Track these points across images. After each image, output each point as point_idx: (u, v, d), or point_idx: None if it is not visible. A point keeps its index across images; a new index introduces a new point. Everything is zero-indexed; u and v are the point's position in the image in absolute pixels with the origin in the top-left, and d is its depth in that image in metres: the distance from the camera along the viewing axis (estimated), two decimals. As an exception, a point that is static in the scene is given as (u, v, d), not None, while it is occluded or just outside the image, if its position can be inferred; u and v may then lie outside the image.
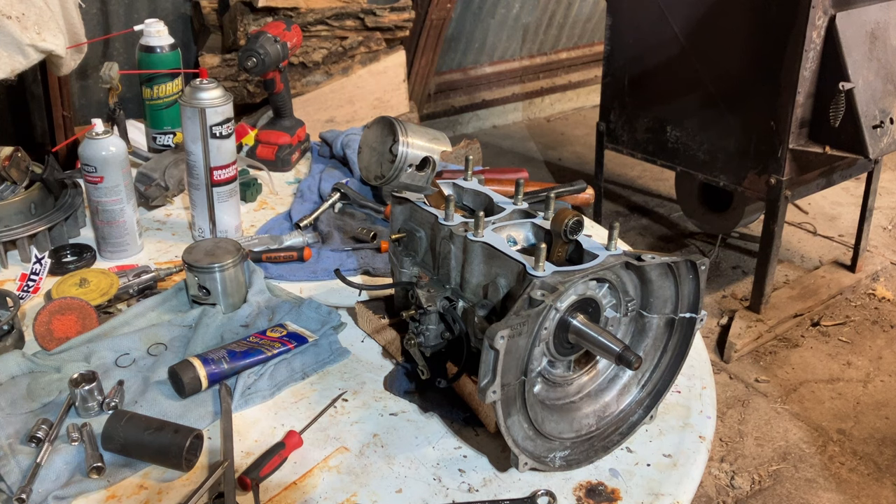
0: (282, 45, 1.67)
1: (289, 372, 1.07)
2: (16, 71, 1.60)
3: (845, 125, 2.47)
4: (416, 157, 1.51)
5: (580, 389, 0.98)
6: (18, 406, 0.98)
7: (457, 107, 4.55)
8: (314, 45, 3.18)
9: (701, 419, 1.03)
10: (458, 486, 0.90)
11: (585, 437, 0.96)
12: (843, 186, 3.91)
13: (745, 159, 2.73)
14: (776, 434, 2.47)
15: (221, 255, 1.17)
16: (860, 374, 2.73)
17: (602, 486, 0.91)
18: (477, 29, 4.27)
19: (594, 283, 0.92)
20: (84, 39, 1.83)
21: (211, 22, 3.13)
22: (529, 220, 1.01)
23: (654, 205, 3.89)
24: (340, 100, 3.27)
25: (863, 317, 3.04)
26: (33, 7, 1.61)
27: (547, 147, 4.60)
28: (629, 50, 3.05)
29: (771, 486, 2.28)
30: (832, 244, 3.51)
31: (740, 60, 2.68)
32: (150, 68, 1.65)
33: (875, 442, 2.43)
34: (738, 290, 3.17)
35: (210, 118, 1.31)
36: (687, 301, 0.96)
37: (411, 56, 3.71)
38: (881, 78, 2.58)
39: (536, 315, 0.83)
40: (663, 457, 0.96)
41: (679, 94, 2.90)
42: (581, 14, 4.67)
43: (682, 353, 0.99)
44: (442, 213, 1.02)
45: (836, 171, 2.83)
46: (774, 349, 2.86)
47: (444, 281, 1.01)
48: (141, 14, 2.99)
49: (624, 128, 3.15)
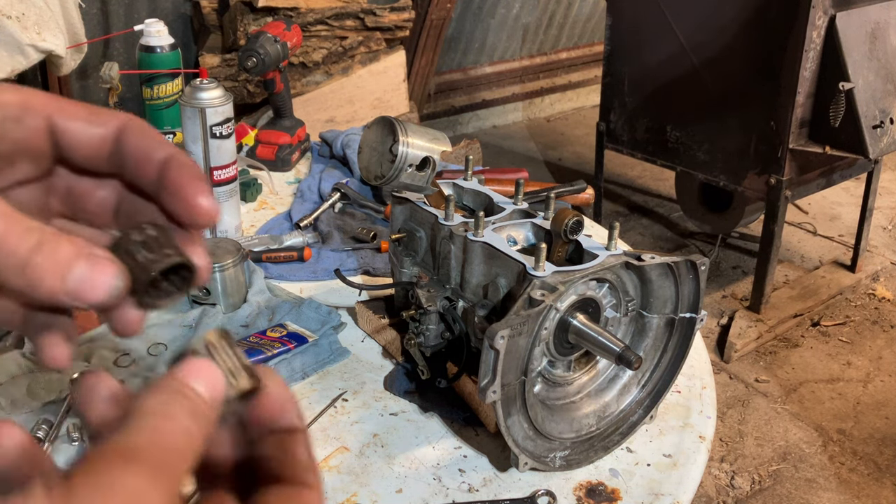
0: (282, 45, 1.67)
1: (289, 372, 1.07)
2: (16, 71, 1.60)
3: (845, 125, 2.47)
4: (416, 157, 1.51)
5: (580, 389, 0.98)
6: (18, 406, 0.98)
7: (457, 107, 4.55)
8: (314, 45, 3.18)
9: (701, 419, 1.03)
10: (458, 486, 0.90)
11: (585, 437, 0.96)
12: (843, 186, 3.91)
13: (745, 159, 2.73)
14: (776, 434, 2.47)
15: (221, 255, 1.17)
16: (860, 374, 2.73)
17: (602, 486, 0.91)
18: (477, 29, 4.27)
19: (594, 283, 0.92)
20: (84, 39, 1.83)
21: (211, 22, 3.13)
22: (529, 220, 1.01)
23: (654, 205, 3.89)
24: (340, 100, 3.27)
25: (863, 317, 3.04)
26: (33, 7, 1.61)
27: (547, 147, 4.60)
28: (629, 50, 3.05)
29: (771, 486, 2.28)
30: (832, 244, 3.51)
31: (740, 60, 2.68)
32: (150, 68, 1.65)
33: (875, 442, 2.43)
34: (738, 290, 3.17)
35: (210, 118, 1.31)
36: (687, 301, 0.96)
37: (411, 56, 3.70)
38: (881, 78, 2.58)
39: (536, 315, 0.83)
40: (663, 457, 0.96)
41: (679, 94, 2.90)
42: (581, 14, 4.67)
43: (682, 353, 0.99)
44: (442, 213, 1.01)
45: (836, 171, 2.83)
46: (774, 349, 2.86)
47: (444, 281, 1.01)
48: (141, 14, 2.99)
49: (624, 128, 3.15)
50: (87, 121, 0.37)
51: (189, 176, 0.36)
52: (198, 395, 0.32)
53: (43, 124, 0.36)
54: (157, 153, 0.36)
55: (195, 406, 0.31)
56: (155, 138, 0.37)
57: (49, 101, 0.36)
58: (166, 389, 0.32)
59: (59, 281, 0.32)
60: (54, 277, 0.32)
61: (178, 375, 0.32)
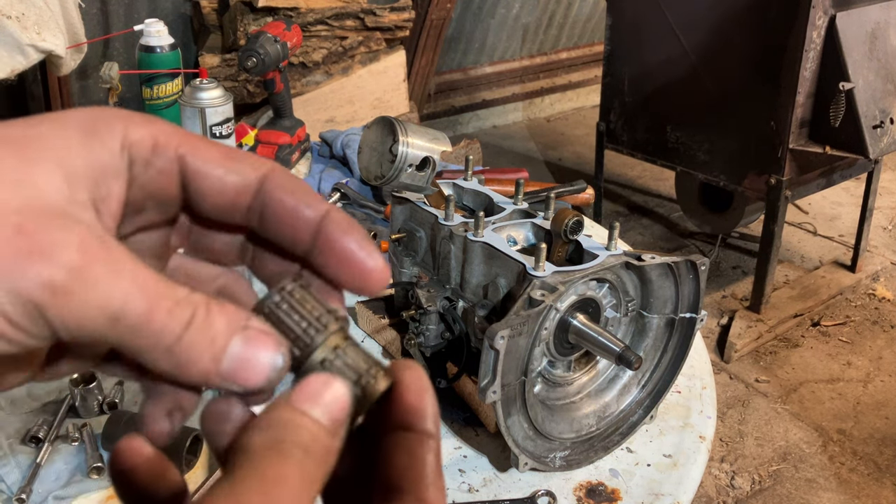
0: (282, 45, 1.67)
1: (289, 372, 1.07)
2: (16, 71, 1.60)
3: (845, 125, 2.47)
4: (416, 157, 1.51)
5: (580, 389, 0.98)
6: (18, 406, 0.98)
7: (457, 107, 4.54)
8: (314, 44, 3.18)
9: (701, 419, 1.03)
10: (458, 486, 0.90)
11: (585, 438, 0.95)
12: (843, 186, 3.91)
13: (745, 159, 2.73)
14: (776, 434, 2.47)
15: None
16: (860, 375, 2.73)
17: (602, 486, 0.91)
18: (477, 29, 4.27)
19: (594, 283, 0.92)
20: (84, 39, 1.83)
21: (211, 22, 3.13)
22: (529, 220, 1.01)
23: (654, 205, 3.89)
24: (340, 100, 3.27)
25: (863, 317, 3.04)
26: (33, 7, 1.61)
27: (547, 147, 4.60)
28: (629, 50, 3.05)
29: (771, 487, 2.28)
30: (832, 244, 3.51)
31: (740, 60, 2.67)
32: (149, 68, 1.65)
33: (875, 442, 2.43)
34: (738, 290, 3.17)
35: (210, 118, 1.31)
36: (687, 301, 0.96)
37: (411, 56, 3.70)
38: (881, 78, 2.58)
39: (536, 315, 0.83)
40: (663, 457, 0.96)
41: (679, 94, 2.90)
42: (581, 14, 4.67)
43: (682, 353, 0.99)
44: (442, 213, 1.01)
45: (836, 171, 2.83)
46: (775, 349, 2.86)
47: (444, 281, 1.01)
48: (141, 14, 2.99)
49: (624, 128, 3.15)
50: (222, 166, 0.31)
51: (354, 238, 0.31)
52: (316, 424, 0.27)
53: (174, 167, 0.31)
54: (308, 212, 0.31)
55: (313, 440, 0.27)
56: (305, 194, 0.32)
57: (181, 138, 0.31)
58: (276, 423, 0.27)
59: (212, 363, 0.27)
60: (208, 359, 0.27)
61: (291, 401, 0.27)
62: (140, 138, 0.30)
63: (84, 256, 0.25)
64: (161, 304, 0.26)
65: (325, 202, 0.32)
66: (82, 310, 0.25)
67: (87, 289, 0.25)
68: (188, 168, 0.31)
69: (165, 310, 0.26)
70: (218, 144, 0.32)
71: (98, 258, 0.26)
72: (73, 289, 0.25)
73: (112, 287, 0.26)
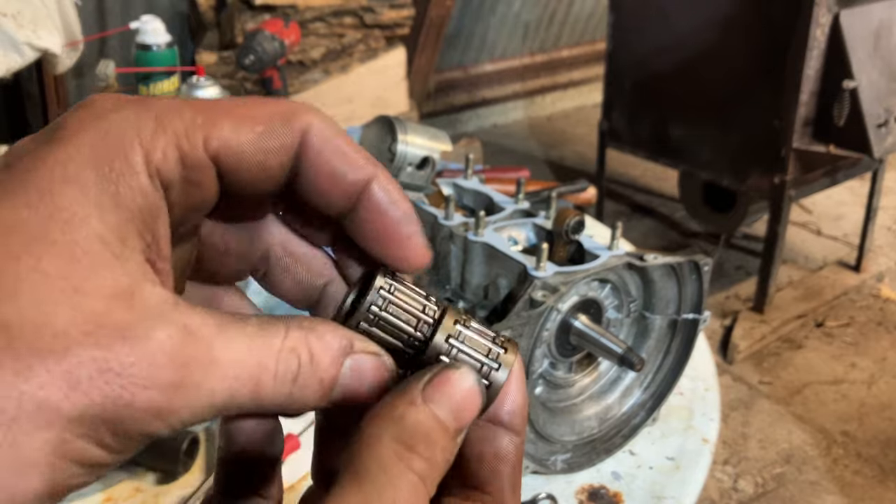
0: (280, 43, 1.66)
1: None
2: (11, 69, 1.59)
3: (850, 124, 2.46)
4: (415, 157, 1.49)
5: (582, 391, 0.97)
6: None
7: (457, 105, 4.53)
8: (312, 42, 3.16)
9: (704, 421, 1.01)
10: (457, 490, 0.89)
11: (587, 440, 0.94)
12: (847, 186, 3.89)
13: (748, 158, 2.71)
14: (780, 436, 2.45)
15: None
16: (864, 376, 2.71)
17: (604, 489, 0.90)
18: (477, 26, 4.26)
19: (596, 283, 0.91)
20: (80, 37, 1.82)
21: (208, 19, 3.11)
22: (530, 220, 1.00)
23: (656, 204, 3.87)
24: (339, 98, 3.25)
25: (867, 317, 3.02)
26: (29, 5, 1.60)
27: (548, 146, 4.59)
28: (631, 48, 3.03)
29: (774, 489, 2.26)
30: (836, 244, 3.49)
31: (743, 58, 2.66)
32: (146, 66, 1.64)
33: (879, 444, 2.41)
34: (741, 290, 3.15)
35: (206, 116, 1.30)
36: (690, 302, 0.95)
37: (411, 54, 3.69)
38: (886, 76, 2.56)
39: (538, 316, 0.81)
40: (666, 459, 0.95)
41: (682, 92, 2.89)
42: (582, 11, 4.66)
43: (684, 354, 0.97)
44: (442, 212, 1.00)
45: (840, 170, 2.81)
46: (778, 350, 2.84)
47: (444, 281, 1.00)
48: (137, 11, 2.97)
49: (626, 126, 3.14)
50: (258, 143, 0.26)
51: (402, 210, 0.28)
52: (445, 433, 0.25)
53: (210, 171, 0.26)
54: (351, 175, 0.28)
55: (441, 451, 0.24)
56: (349, 154, 0.28)
57: (199, 126, 0.26)
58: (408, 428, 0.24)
59: (322, 400, 0.26)
60: (318, 398, 0.25)
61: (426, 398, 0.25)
62: (164, 156, 0.25)
63: (175, 365, 0.23)
64: (265, 373, 0.24)
65: (371, 163, 0.28)
66: (189, 417, 0.23)
67: (189, 398, 0.23)
68: (223, 164, 0.26)
69: (272, 375, 0.24)
70: (237, 106, 0.27)
71: (189, 358, 0.23)
72: (175, 406, 0.23)
73: (214, 384, 0.23)
